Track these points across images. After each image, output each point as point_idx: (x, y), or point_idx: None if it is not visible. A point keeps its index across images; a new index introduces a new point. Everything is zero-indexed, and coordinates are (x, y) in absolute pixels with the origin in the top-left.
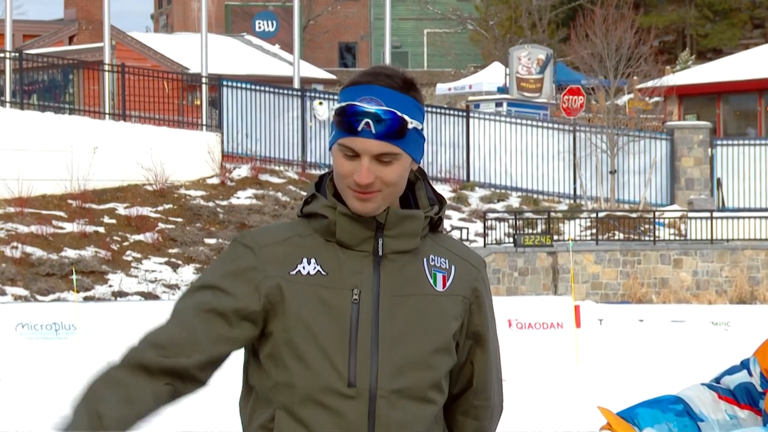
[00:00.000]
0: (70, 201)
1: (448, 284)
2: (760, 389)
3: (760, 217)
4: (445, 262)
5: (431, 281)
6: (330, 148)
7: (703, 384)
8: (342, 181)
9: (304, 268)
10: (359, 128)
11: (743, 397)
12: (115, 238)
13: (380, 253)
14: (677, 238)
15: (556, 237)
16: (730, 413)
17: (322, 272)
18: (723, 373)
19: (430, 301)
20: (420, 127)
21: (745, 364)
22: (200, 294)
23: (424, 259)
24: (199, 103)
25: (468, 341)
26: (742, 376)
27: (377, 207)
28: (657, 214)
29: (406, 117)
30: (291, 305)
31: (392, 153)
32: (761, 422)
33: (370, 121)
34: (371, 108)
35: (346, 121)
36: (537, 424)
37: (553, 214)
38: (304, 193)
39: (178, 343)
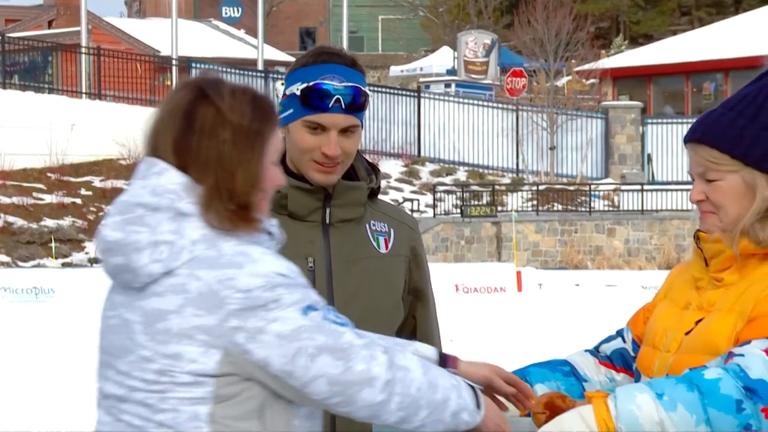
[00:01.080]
0: (49, 174)
1: (390, 246)
2: (632, 354)
3: (687, 190)
4: (385, 226)
5: (375, 245)
6: (283, 126)
7: (586, 350)
8: (305, 156)
9: None
10: (330, 105)
11: (618, 361)
12: (92, 208)
13: (328, 221)
14: (611, 209)
15: (500, 208)
16: (608, 376)
17: None
18: (602, 342)
19: (376, 263)
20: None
21: (619, 333)
22: None
23: (366, 225)
24: (169, 83)
25: (409, 297)
26: (617, 344)
27: (337, 178)
28: (592, 187)
29: (365, 89)
30: None
31: (355, 125)
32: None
33: (340, 98)
34: (339, 85)
35: (315, 100)
36: None
37: (497, 187)
38: None
39: None
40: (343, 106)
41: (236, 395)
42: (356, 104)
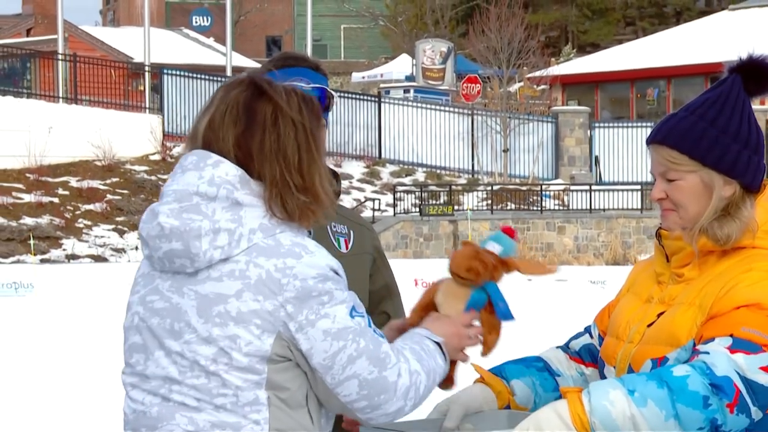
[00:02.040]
0: (28, 175)
1: (350, 246)
2: (599, 348)
3: (632, 190)
4: (344, 228)
5: (336, 245)
6: None
7: (557, 347)
8: None
9: None
10: None
11: (587, 356)
12: (69, 207)
13: None
14: (561, 208)
15: (456, 207)
16: (579, 371)
17: None
18: (571, 338)
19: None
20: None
21: (587, 329)
22: None
23: (327, 227)
24: (142, 88)
25: (380, 292)
26: (584, 339)
27: None
28: (543, 187)
29: (331, 91)
30: None
31: (321, 125)
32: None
33: (312, 97)
34: (306, 86)
35: None
36: None
37: (454, 187)
38: None
39: None
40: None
41: (288, 383)
42: (323, 105)
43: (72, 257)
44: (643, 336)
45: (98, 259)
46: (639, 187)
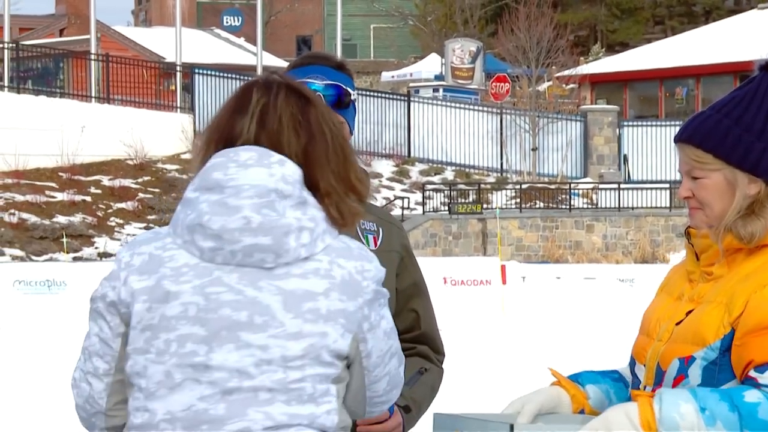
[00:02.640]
0: (60, 173)
1: (379, 243)
2: None
3: (660, 188)
4: (374, 225)
5: (364, 242)
6: None
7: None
8: None
9: None
10: None
11: None
12: (101, 206)
13: None
14: (589, 206)
15: (485, 206)
16: None
17: None
18: None
19: None
20: (355, 99)
21: None
22: None
23: (356, 225)
24: (174, 88)
25: (408, 290)
26: None
27: None
28: (572, 185)
29: (348, 89)
30: None
31: (339, 121)
32: None
33: (321, 95)
34: (319, 83)
35: None
36: (469, 366)
37: (482, 186)
38: None
39: None
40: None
41: (345, 379)
42: (339, 102)
43: (104, 255)
44: (671, 334)
45: None
46: (668, 185)
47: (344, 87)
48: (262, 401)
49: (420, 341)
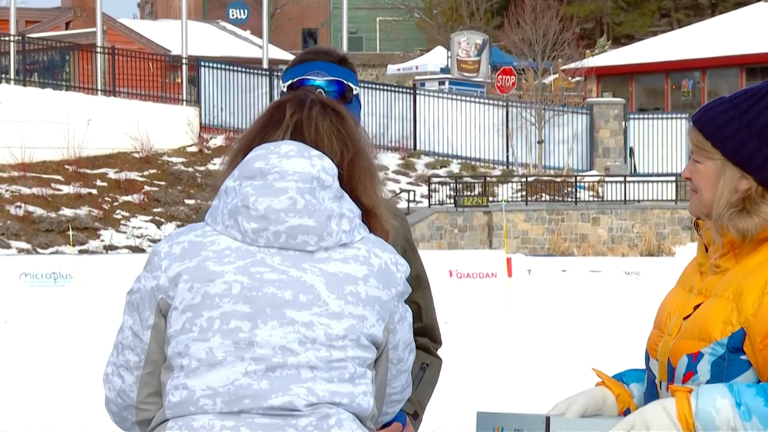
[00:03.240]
0: (66, 166)
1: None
2: None
3: (666, 181)
4: None
5: None
6: None
7: None
8: None
9: None
10: None
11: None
12: (107, 198)
13: None
14: (595, 199)
15: (491, 198)
16: None
17: None
18: None
19: None
20: (357, 93)
21: None
22: None
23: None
24: (179, 81)
25: (412, 283)
26: None
27: None
28: (578, 178)
29: (350, 84)
30: None
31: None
32: None
33: (322, 91)
34: (321, 79)
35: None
36: (475, 359)
37: (488, 179)
38: None
39: None
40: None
41: (373, 370)
42: (342, 97)
43: (110, 248)
44: (680, 329)
45: (136, 249)
46: (674, 178)
47: (346, 82)
48: (305, 378)
49: (421, 333)
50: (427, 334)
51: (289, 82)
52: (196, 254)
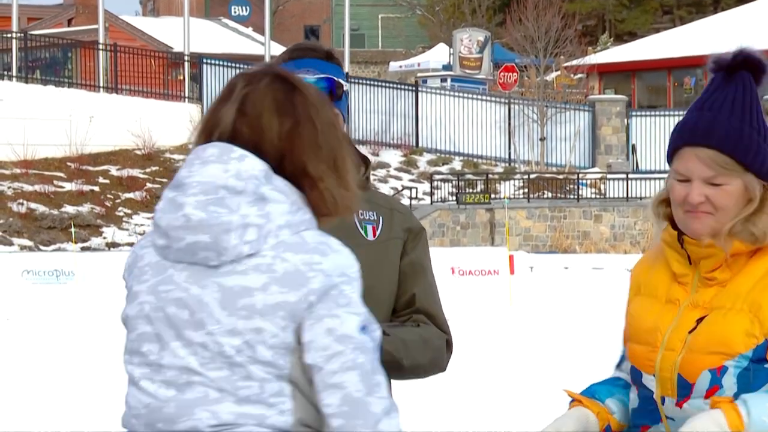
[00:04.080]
0: (69, 163)
1: (378, 233)
2: None
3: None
4: (373, 215)
5: (362, 233)
6: None
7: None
8: None
9: None
10: None
11: None
12: (109, 196)
13: None
14: (597, 196)
15: (493, 196)
16: None
17: None
18: (620, 362)
19: (363, 251)
20: (347, 90)
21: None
22: None
23: (354, 215)
24: (182, 78)
25: (406, 269)
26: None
27: None
28: (580, 175)
29: (340, 80)
30: None
31: (334, 113)
32: None
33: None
34: (311, 77)
35: None
36: (477, 356)
37: (490, 176)
38: None
39: None
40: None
41: (303, 377)
42: (331, 94)
43: (112, 245)
44: (686, 343)
45: None
46: None
47: (336, 79)
48: (212, 400)
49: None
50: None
51: None
52: (130, 271)
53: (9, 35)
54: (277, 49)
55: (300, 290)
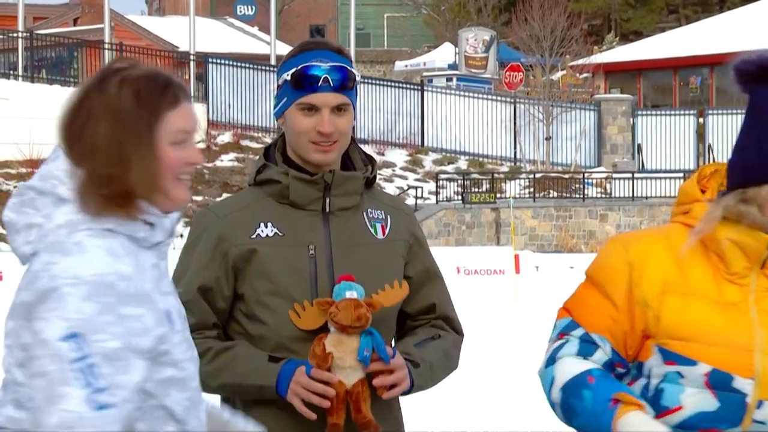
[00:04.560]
0: None
1: (387, 232)
2: (616, 362)
3: (675, 177)
4: (382, 214)
5: (372, 231)
6: (279, 116)
7: (578, 359)
8: (302, 138)
9: (262, 231)
10: (319, 84)
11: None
12: None
13: (328, 210)
14: (603, 195)
15: (498, 195)
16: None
17: (279, 233)
18: (583, 355)
19: (373, 249)
20: (359, 81)
21: (592, 343)
22: (195, 295)
23: (364, 213)
24: (187, 77)
25: (419, 277)
26: (602, 356)
27: (336, 157)
28: (586, 175)
29: (353, 70)
30: (256, 267)
31: (346, 103)
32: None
33: (328, 77)
34: (325, 65)
35: (305, 81)
36: (482, 355)
37: (496, 175)
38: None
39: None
40: (332, 85)
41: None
42: (345, 83)
43: None
44: None
45: None
46: (681, 174)
47: (348, 68)
48: (27, 408)
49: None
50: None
51: (293, 70)
52: None
53: (15, 35)
54: (283, 49)
55: (31, 289)
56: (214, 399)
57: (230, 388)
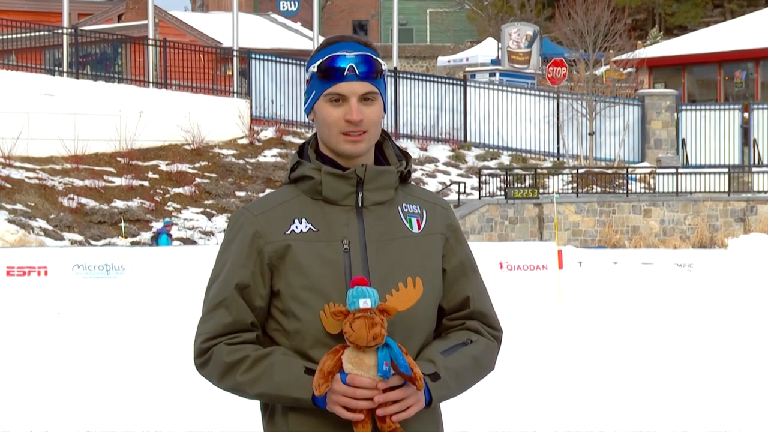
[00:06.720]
0: (119, 158)
1: (422, 226)
2: None
3: (719, 173)
4: (417, 208)
5: (407, 225)
6: (309, 111)
7: None
8: (332, 130)
9: (296, 227)
10: (345, 73)
11: None
12: (158, 190)
13: (360, 205)
14: (647, 191)
15: (541, 190)
16: None
17: (313, 228)
18: None
19: (409, 243)
20: (387, 72)
21: None
22: (232, 293)
23: (399, 207)
24: (230, 73)
25: (455, 271)
26: None
27: (366, 147)
28: (629, 170)
29: (380, 59)
30: (291, 263)
31: (374, 92)
32: None
33: (353, 65)
34: (352, 54)
35: (332, 71)
36: (525, 352)
37: (539, 171)
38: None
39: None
40: (358, 74)
41: None
42: (371, 71)
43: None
44: None
45: (187, 241)
46: (726, 169)
47: (373, 56)
48: None
49: (471, 318)
50: (478, 319)
51: (320, 60)
52: None
53: (60, 31)
54: None
55: None
56: (254, 404)
57: (267, 397)
